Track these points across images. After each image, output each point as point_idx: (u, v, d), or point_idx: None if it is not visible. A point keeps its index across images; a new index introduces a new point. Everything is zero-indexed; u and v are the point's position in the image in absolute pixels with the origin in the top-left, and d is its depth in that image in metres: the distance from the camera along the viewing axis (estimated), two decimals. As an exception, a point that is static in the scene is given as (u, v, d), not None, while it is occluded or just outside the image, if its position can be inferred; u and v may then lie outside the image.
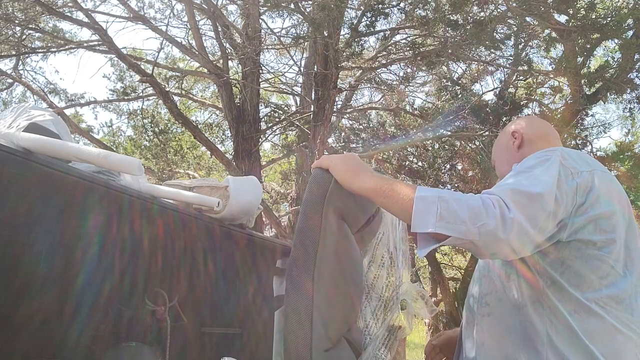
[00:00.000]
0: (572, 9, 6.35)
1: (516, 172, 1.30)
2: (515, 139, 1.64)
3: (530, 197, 1.19)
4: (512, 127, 1.69)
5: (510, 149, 1.65)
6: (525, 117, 1.76)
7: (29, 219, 1.77)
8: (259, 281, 2.73)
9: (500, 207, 1.16)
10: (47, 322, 1.92)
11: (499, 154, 1.70)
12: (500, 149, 1.70)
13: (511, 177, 1.29)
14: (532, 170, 1.27)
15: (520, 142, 1.63)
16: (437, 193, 1.22)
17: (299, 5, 7.16)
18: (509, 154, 1.65)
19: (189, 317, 2.34)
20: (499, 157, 1.70)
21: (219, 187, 2.36)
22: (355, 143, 10.14)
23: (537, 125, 1.67)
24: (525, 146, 1.62)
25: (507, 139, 1.67)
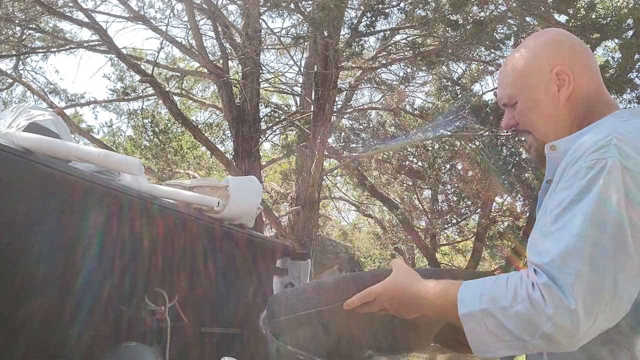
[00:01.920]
0: (572, 9, 6.35)
1: (557, 215, 0.97)
2: (562, 85, 1.15)
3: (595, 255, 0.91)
4: (549, 55, 1.18)
5: (550, 96, 1.16)
6: (563, 39, 1.21)
7: (29, 218, 1.77)
8: (259, 281, 2.73)
9: (553, 300, 0.90)
10: (48, 322, 1.92)
11: (527, 91, 1.19)
12: (530, 86, 1.18)
13: (555, 222, 0.97)
14: (581, 206, 0.94)
15: (569, 93, 1.15)
16: (479, 302, 0.98)
17: (299, 5, 7.16)
18: (548, 102, 1.17)
19: (189, 317, 2.34)
20: (527, 97, 1.19)
21: (219, 187, 2.36)
22: (355, 143, 10.14)
23: (588, 62, 1.19)
24: (578, 106, 1.16)
25: (545, 76, 1.16)
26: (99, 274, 2.08)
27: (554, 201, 1.00)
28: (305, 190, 7.39)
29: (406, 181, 11.52)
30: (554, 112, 1.16)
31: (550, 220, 0.99)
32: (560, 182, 1.01)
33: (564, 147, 1.10)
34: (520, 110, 1.20)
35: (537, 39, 1.23)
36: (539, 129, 1.19)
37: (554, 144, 1.13)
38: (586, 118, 1.14)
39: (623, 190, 0.93)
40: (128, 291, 2.21)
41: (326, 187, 11.51)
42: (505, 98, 1.23)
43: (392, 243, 13.57)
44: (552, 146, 1.13)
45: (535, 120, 1.19)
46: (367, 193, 11.76)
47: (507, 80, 1.23)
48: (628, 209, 0.92)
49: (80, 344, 2.03)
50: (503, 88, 1.24)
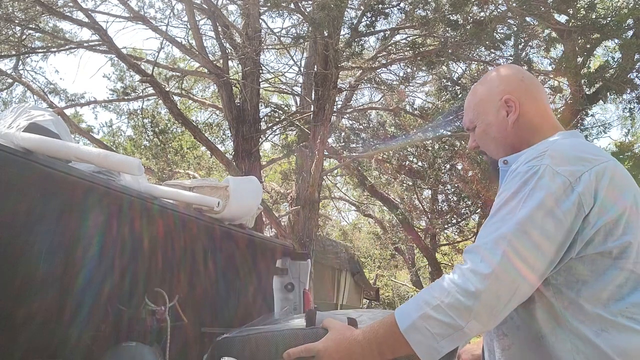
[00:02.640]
0: (572, 9, 6.35)
1: (496, 209, 1.15)
2: (510, 111, 1.34)
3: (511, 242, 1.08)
4: (500, 86, 1.37)
5: (500, 120, 1.35)
6: (513, 72, 1.40)
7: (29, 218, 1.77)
8: (259, 281, 2.73)
9: (474, 274, 1.07)
10: (48, 322, 1.92)
11: (483, 116, 1.38)
12: (485, 112, 1.38)
13: (492, 217, 1.16)
14: (514, 204, 1.12)
15: (516, 118, 1.32)
16: (416, 311, 1.10)
17: (299, 5, 7.16)
18: (498, 125, 1.35)
19: (189, 317, 2.34)
20: (483, 122, 1.38)
21: (219, 187, 2.36)
22: (355, 143, 10.14)
23: (533, 92, 1.36)
24: (524, 129, 1.33)
25: (496, 103, 1.35)
26: (99, 274, 2.08)
27: (495, 202, 1.18)
28: (305, 190, 7.39)
29: (406, 181, 11.52)
30: (503, 133, 1.34)
31: (490, 215, 1.16)
32: (501, 187, 1.21)
33: (513, 161, 1.26)
34: (478, 133, 1.40)
35: (494, 72, 1.44)
36: (492, 149, 1.39)
37: (506, 159, 1.32)
38: (532, 139, 1.30)
39: (552, 189, 1.10)
40: (128, 291, 2.21)
41: (326, 187, 11.51)
42: (467, 123, 1.43)
43: (392, 243, 13.57)
44: (504, 160, 1.32)
45: (489, 141, 1.39)
46: (367, 193, 11.76)
47: (468, 108, 1.44)
48: (551, 204, 1.09)
49: (80, 344, 2.04)
50: (466, 114, 1.45)
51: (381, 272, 20.43)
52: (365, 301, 18.80)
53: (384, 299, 21.51)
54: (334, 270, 14.45)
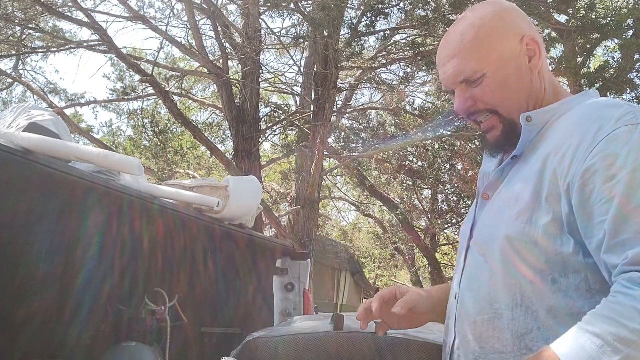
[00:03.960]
0: (572, 9, 6.35)
1: (626, 188, 0.82)
2: (533, 56, 1.03)
3: None
4: (515, 21, 1.06)
5: (523, 68, 1.03)
6: (517, 7, 1.12)
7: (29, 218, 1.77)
8: (259, 281, 2.73)
9: None
10: (48, 322, 1.92)
11: (496, 63, 1.02)
12: (500, 57, 1.02)
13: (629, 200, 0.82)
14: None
15: (540, 65, 1.04)
16: (603, 354, 0.74)
17: (299, 5, 7.16)
18: (521, 74, 1.03)
19: (189, 317, 2.34)
20: (497, 71, 1.02)
21: (219, 187, 2.36)
22: (355, 143, 10.14)
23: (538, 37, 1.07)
24: (547, 81, 1.05)
25: (515, 45, 1.03)
26: (99, 274, 2.08)
27: (597, 177, 0.85)
28: (305, 190, 7.39)
29: (406, 181, 11.52)
30: (528, 85, 1.03)
31: (617, 200, 0.82)
32: (578, 153, 0.88)
33: (540, 119, 1.01)
34: (488, 85, 1.02)
35: (492, 6, 1.07)
36: (510, 106, 1.04)
37: (529, 115, 1.01)
38: (552, 95, 1.05)
39: None
40: (128, 291, 2.21)
41: (326, 187, 11.50)
42: (469, 72, 1.02)
43: (392, 243, 13.57)
44: (528, 117, 1.01)
45: (506, 96, 1.03)
46: (367, 193, 11.75)
47: (468, 52, 1.03)
48: None
49: (80, 344, 2.04)
50: (463, 61, 1.03)
51: (381, 272, 20.43)
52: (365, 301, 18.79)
53: (384, 299, 21.48)
54: (334, 270, 14.45)
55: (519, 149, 1.02)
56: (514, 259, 0.95)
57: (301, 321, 1.60)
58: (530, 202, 0.93)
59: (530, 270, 0.93)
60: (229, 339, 2.56)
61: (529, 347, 0.92)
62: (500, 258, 0.97)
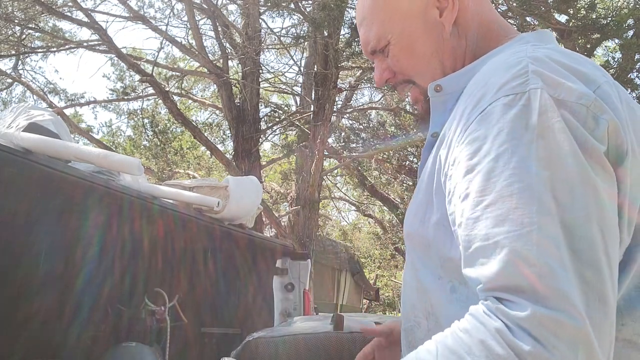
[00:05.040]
0: (572, 8, 6.35)
1: (480, 189, 0.62)
2: (445, 7, 0.85)
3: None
4: None
5: (430, 25, 0.86)
6: None
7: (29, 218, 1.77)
8: (259, 281, 2.73)
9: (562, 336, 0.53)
10: (48, 322, 1.92)
11: (399, 25, 0.86)
12: (402, 18, 0.86)
13: (481, 200, 0.62)
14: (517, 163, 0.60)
15: (454, 17, 0.85)
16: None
17: (299, 5, 7.16)
18: (427, 33, 0.86)
19: (188, 317, 2.34)
20: (402, 34, 0.87)
21: (219, 187, 2.36)
22: (355, 143, 10.14)
23: None
24: (468, 34, 0.86)
25: (421, 2, 0.86)
26: (99, 274, 2.08)
27: (460, 167, 0.66)
28: (305, 190, 7.39)
29: (406, 181, 11.52)
30: (439, 45, 0.85)
31: (471, 197, 0.63)
32: (457, 133, 0.70)
33: (453, 86, 0.82)
34: (395, 54, 0.88)
35: None
36: (423, 72, 0.87)
37: (438, 84, 0.83)
38: (481, 48, 0.84)
39: (567, 129, 0.61)
40: (128, 291, 2.21)
41: (326, 187, 11.50)
42: (374, 40, 0.89)
43: (392, 243, 13.57)
44: (436, 86, 0.83)
45: (416, 62, 0.87)
46: (367, 193, 11.75)
47: (370, 19, 0.89)
48: (585, 155, 0.61)
49: (80, 344, 2.03)
50: (367, 28, 0.90)
51: (381, 272, 20.43)
52: (365, 301, 18.80)
53: (384, 299, 21.50)
54: (334, 270, 14.45)
55: (433, 125, 0.84)
56: (415, 261, 0.81)
57: (301, 321, 1.60)
58: (424, 196, 0.78)
59: (430, 276, 0.77)
60: (229, 339, 2.56)
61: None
62: (410, 258, 0.83)
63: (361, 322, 1.33)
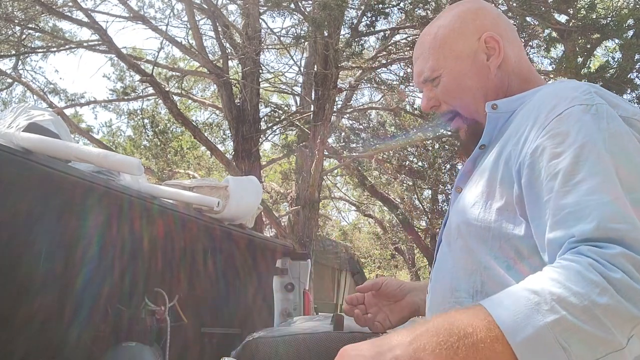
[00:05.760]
0: (572, 9, 6.35)
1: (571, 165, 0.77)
2: (492, 54, 1.03)
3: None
4: (476, 20, 1.05)
5: (479, 66, 1.03)
6: (486, 5, 1.12)
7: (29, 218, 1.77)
8: (259, 281, 2.73)
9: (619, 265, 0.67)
10: (48, 322, 1.92)
11: (451, 62, 1.04)
12: (455, 56, 1.04)
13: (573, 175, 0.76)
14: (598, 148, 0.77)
15: (499, 62, 1.03)
16: (538, 314, 0.66)
17: (299, 5, 7.16)
18: (476, 72, 1.03)
19: (188, 317, 2.34)
20: (453, 69, 1.04)
21: (219, 187, 2.36)
22: (355, 143, 10.14)
23: (513, 33, 1.08)
24: (509, 76, 1.04)
25: (471, 44, 1.03)
26: (99, 274, 2.08)
27: (545, 155, 0.80)
28: (305, 190, 7.39)
29: (406, 181, 11.52)
30: (485, 82, 1.03)
31: (560, 175, 0.77)
32: (532, 132, 0.85)
33: (507, 107, 0.99)
34: (444, 85, 1.05)
35: (458, 7, 1.09)
36: (467, 104, 1.05)
37: (495, 103, 1.00)
38: (519, 89, 1.02)
39: (630, 134, 0.82)
40: (128, 291, 2.21)
41: (326, 187, 11.50)
42: (428, 72, 1.06)
43: (392, 243, 13.58)
44: (493, 105, 1.00)
45: (462, 95, 1.05)
46: (367, 193, 11.76)
47: (428, 52, 1.07)
48: None
49: (80, 344, 2.03)
50: (424, 61, 1.07)
51: (381, 272, 20.42)
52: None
53: (383, 299, 21.49)
54: (334, 270, 14.45)
55: (485, 137, 1.00)
56: (470, 244, 0.92)
57: (301, 321, 1.60)
58: (486, 187, 0.91)
59: (487, 256, 0.89)
60: (229, 339, 2.56)
61: None
62: (459, 244, 0.95)
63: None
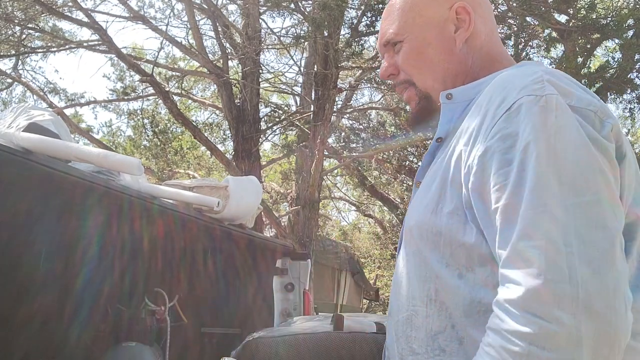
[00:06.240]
0: (572, 9, 6.35)
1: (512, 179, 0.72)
2: (461, 27, 0.95)
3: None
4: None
5: (445, 37, 0.95)
6: None
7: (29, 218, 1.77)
8: (258, 281, 2.73)
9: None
10: (48, 322, 1.92)
11: (417, 28, 0.96)
12: (422, 23, 0.96)
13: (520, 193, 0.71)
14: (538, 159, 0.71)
15: (467, 36, 0.95)
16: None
17: (299, 4, 7.16)
18: (441, 44, 0.95)
19: (188, 318, 2.34)
20: (417, 37, 0.96)
21: (219, 187, 2.36)
22: (355, 143, 10.14)
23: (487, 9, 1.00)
24: (475, 54, 0.95)
25: (442, 11, 0.96)
26: (99, 274, 2.08)
27: (495, 159, 0.74)
28: (305, 190, 7.39)
29: (406, 181, 11.52)
30: (447, 56, 0.95)
31: (505, 185, 0.72)
32: (482, 130, 0.78)
33: (463, 96, 0.91)
34: (405, 53, 0.97)
35: None
36: (425, 76, 0.97)
37: (450, 92, 0.92)
38: (483, 69, 0.94)
39: (580, 128, 0.73)
40: (128, 291, 2.21)
41: (326, 187, 11.50)
42: (390, 35, 0.98)
43: (392, 243, 13.57)
44: (448, 94, 0.92)
45: (422, 65, 0.97)
46: (367, 193, 11.76)
47: (396, 14, 0.98)
48: (595, 149, 0.72)
49: (80, 344, 2.03)
50: (390, 22, 0.99)
51: (381, 272, 20.43)
52: (365, 301, 18.81)
53: (384, 299, 21.51)
54: (334, 270, 14.45)
55: (441, 129, 0.93)
56: (422, 249, 0.86)
57: (301, 321, 1.60)
58: (437, 189, 0.85)
59: (438, 264, 0.83)
60: (229, 339, 2.56)
61: (442, 347, 0.82)
62: (412, 248, 0.90)
63: (361, 322, 1.33)
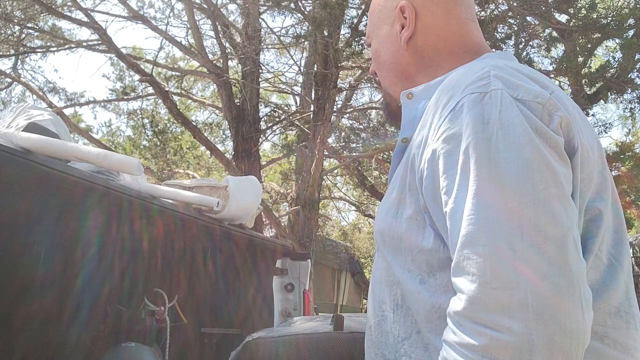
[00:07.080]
0: (573, 8, 6.35)
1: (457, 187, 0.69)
2: (404, 25, 0.93)
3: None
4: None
5: (393, 37, 0.95)
6: None
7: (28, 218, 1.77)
8: (258, 282, 2.73)
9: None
10: (48, 322, 1.91)
11: (378, 29, 0.99)
12: (380, 23, 0.98)
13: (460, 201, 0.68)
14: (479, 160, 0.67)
15: (409, 35, 0.92)
16: None
17: (299, 4, 7.16)
18: (390, 43, 0.95)
19: (188, 318, 2.33)
20: (377, 37, 0.99)
21: (219, 187, 2.35)
22: (355, 143, 10.14)
23: (448, 1, 0.94)
24: (428, 53, 0.92)
25: (391, 11, 0.95)
26: (99, 275, 2.08)
27: (440, 163, 0.72)
28: (305, 190, 7.39)
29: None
30: (395, 56, 0.94)
31: (451, 190, 0.70)
32: (430, 132, 0.76)
33: (424, 95, 0.88)
34: (371, 53, 1.01)
35: None
36: (383, 76, 0.99)
37: (410, 92, 0.90)
38: (440, 66, 0.91)
39: (525, 122, 0.68)
40: (128, 291, 2.21)
41: (326, 187, 11.50)
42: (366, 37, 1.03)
43: (392, 243, 13.55)
44: (409, 94, 0.90)
45: (381, 66, 0.99)
46: (367, 193, 11.75)
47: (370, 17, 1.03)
48: (542, 143, 0.68)
49: (80, 344, 2.03)
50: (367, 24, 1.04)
51: (381, 272, 20.45)
52: (365, 301, 18.81)
53: (383, 298, 21.54)
54: (334, 270, 14.45)
55: (404, 130, 0.90)
56: (387, 255, 0.85)
57: (301, 321, 1.60)
58: (397, 193, 0.83)
59: (400, 269, 0.82)
60: (228, 339, 2.56)
61: (408, 353, 0.79)
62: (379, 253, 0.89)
63: (361, 322, 1.33)
